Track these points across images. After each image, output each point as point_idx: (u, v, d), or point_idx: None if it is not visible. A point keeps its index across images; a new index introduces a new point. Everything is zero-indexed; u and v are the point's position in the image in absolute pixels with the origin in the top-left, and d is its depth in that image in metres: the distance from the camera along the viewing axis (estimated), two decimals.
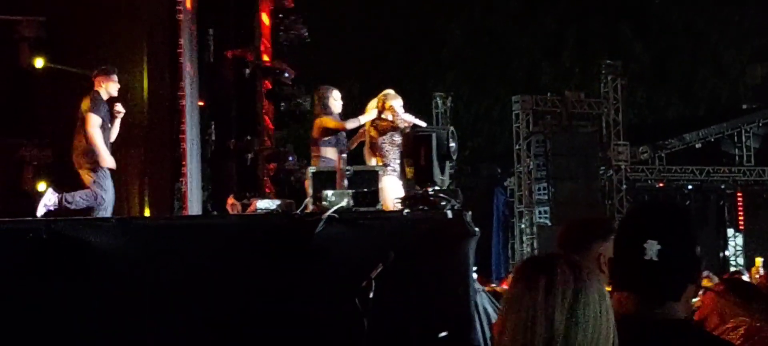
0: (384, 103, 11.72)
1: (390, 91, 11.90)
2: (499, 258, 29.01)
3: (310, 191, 9.07)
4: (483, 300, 8.37)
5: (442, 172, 9.80)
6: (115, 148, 12.01)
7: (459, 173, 28.04)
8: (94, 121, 10.94)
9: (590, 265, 4.82)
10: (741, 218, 31.35)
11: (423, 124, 11.64)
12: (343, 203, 8.56)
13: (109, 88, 11.43)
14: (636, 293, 3.38)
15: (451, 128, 10.52)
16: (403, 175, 10.88)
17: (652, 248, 3.30)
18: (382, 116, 11.63)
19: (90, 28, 13.54)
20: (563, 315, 2.84)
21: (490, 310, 8.16)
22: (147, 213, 13.12)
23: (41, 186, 13.44)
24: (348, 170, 9.13)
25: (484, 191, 29.84)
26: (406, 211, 8.84)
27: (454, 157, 10.25)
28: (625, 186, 27.99)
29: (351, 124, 11.74)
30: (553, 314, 2.84)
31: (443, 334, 7.80)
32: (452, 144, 9.99)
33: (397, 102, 11.67)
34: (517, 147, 27.69)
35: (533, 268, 2.97)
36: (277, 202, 9.48)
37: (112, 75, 11.47)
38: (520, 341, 2.86)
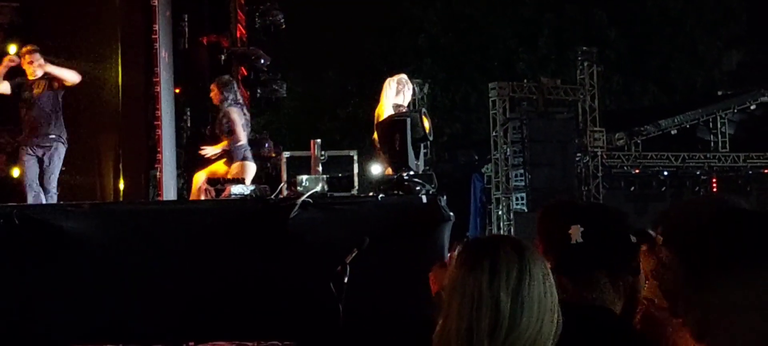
0: (402, 84, 11.37)
1: (403, 76, 11.58)
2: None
3: (284, 176, 9.08)
4: None
5: (417, 156, 9.79)
6: (89, 135, 11.96)
7: (436, 159, 28.07)
8: None
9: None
10: None
11: None
12: (318, 188, 8.57)
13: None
14: (567, 276, 3.49)
15: (424, 109, 10.49)
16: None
17: (577, 232, 3.47)
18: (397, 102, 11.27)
19: (64, 14, 13.48)
20: (508, 296, 2.83)
21: None
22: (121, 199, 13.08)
23: (15, 172, 13.38)
24: (322, 155, 9.14)
25: (461, 177, 29.84)
26: (381, 196, 8.84)
27: (430, 137, 10.22)
28: (601, 172, 28.06)
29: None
30: (498, 295, 2.82)
31: None
32: (426, 123, 9.96)
33: (408, 87, 11.36)
34: (494, 134, 27.67)
35: (477, 250, 2.94)
36: (252, 187, 9.46)
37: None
38: (465, 325, 2.84)
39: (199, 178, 11.26)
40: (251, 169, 11.03)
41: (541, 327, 2.85)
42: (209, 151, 11.85)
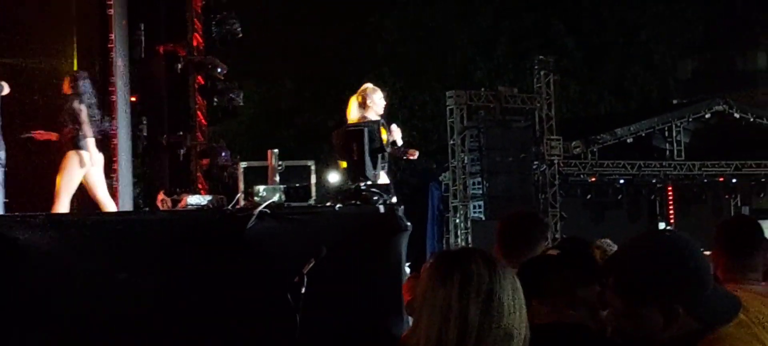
0: (365, 97, 11.38)
1: (369, 85, 11.61)
2: (434, 253, 29.03)
3: (241, 186, 9.06)
4: None
5: (375, 166, 9.81)
6: (44, 144, 11.88)
7: (394, 167, 28.08)
8: None
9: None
10: (672, 211, 31.73)
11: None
12: (275, 198, 8.56)
13: None
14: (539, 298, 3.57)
15: (383, 120, 10.53)
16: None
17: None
18: (366, 115, 11.26)
19: (19, 22, 13.37)
20: (478, 309, 2.84)
21: None
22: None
23: None
24: (279, 165, 9.13)
25: (419, 185, 29.87)
26: (338, 206, 8.85)
27: (388, 149, 10.26)
28: (558, 180, 28.17)
29: None
30: (467, 308, 2.84)
31: None
32: (384, 135, 10.00)
33: (376, 95, 11.39)
34: (452, 142, 27.70)
35: (448, 262, 2.96)
36: (208, 197, 9.44)
37: None
38: (434, 336, 2.85)
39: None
40: (80, 158, 11.07)
41: (510, 341, 2.87)
42: (43, 133, 11.80)
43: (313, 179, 9.35)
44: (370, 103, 11.19)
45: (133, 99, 15.26)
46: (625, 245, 3.28)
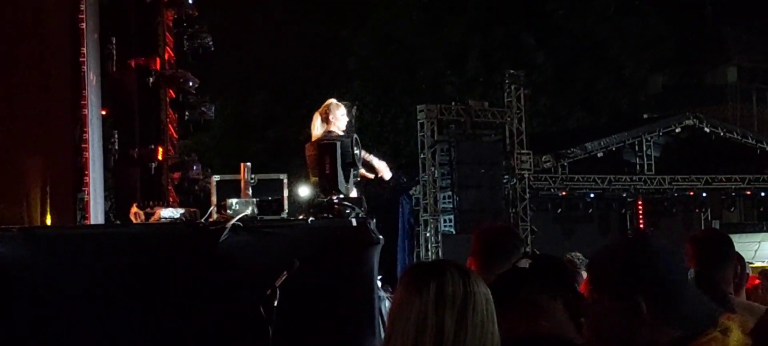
0: (327, 113, 11.43)
1: (332, 101, 11.69)
2: (405, 266, 29.01)
3: (214, 199, 9.05)
4: (386, 307, 8.42)
5: (347, 180, 9.85)
6: (14, 158, 11.83)
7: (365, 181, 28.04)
8: None
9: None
10: (642, 225, 31.88)
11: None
12: (248, 212, 8.56)
13: None
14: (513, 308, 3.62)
15: (356, 136, 10.58)
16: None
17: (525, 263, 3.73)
18: (329, 130, 11.31)
19: None
20: (453, 320, 2.87)
21: None
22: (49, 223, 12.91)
23: None
24: (252, 179, 9.13)
25: (390, 199, 29.90)
26: (311, 219, 8.86)
27: (359, 165, 10.32)
28: (528, 194, 28.26)
29: None
30: (443, 319, 2.87)
31: None
32: (356, 152, 10.06)
33: (339, 111, 11.46)
34: (422, 156, 27.77)
35: (423, 273, 2.98)
36: (181, 210, 9.41)
37: None
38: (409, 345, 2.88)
39: None
40: None
41: None
42: None
43: (286, 193, 9.35)
44: (332, 119, 11.27)
45: (104, 112, 15.19)
46: (607, 248, 3.37)
